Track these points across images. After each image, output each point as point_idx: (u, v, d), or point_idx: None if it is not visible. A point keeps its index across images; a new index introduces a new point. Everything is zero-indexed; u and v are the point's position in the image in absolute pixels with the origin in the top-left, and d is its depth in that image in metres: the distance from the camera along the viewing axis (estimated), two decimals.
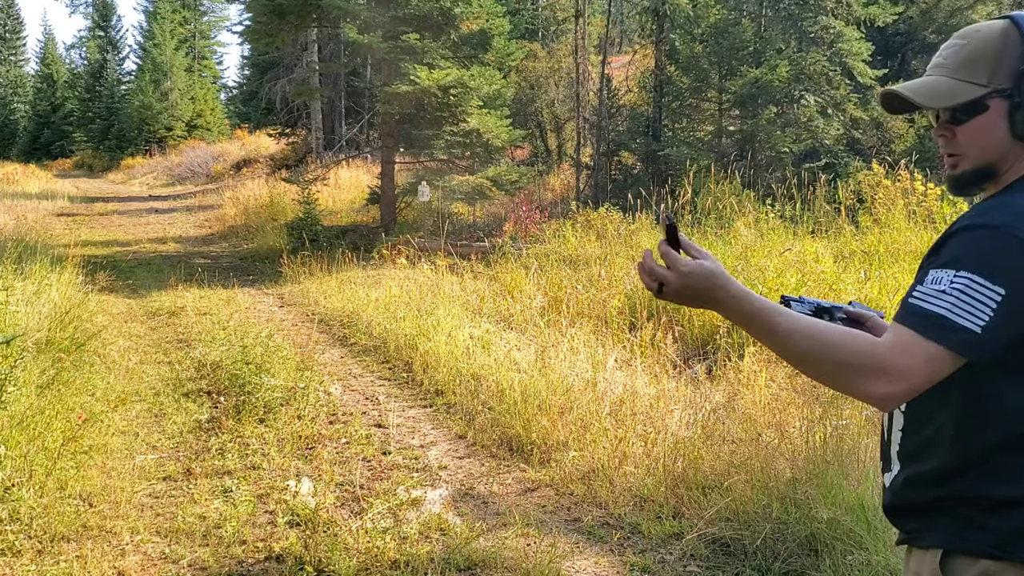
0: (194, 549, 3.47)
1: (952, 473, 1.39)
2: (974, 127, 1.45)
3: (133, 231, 16.44)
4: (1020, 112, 1.41)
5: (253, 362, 5.57)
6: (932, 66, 1.52)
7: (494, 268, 8.95)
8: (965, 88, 1.44)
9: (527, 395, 4.81)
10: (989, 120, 1.44)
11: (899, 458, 1.50)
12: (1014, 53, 1.42)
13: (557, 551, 3.41)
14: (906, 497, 1.48)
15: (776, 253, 7.06)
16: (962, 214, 1.42)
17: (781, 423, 4.27)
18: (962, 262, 1.31)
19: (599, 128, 15.80)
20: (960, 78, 1.45)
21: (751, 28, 13.62)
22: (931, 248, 1.42)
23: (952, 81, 1.46)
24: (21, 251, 8.25)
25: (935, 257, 1.38)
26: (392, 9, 12.91)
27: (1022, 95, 1.41)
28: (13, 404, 4.22)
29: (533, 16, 26.09)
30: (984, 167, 1.46)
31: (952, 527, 1.39)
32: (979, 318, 1.28)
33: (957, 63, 1.47)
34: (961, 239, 1.35)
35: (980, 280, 1.29)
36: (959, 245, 1.35)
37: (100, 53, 46.96)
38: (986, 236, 1.33)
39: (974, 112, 1.44)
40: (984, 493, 1.36)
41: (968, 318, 1.28)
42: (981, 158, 1.46)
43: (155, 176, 30.96)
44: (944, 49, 1.52)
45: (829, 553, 3.20)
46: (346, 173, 18.97)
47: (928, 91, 1.48)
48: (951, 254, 1.34)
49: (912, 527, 1.48)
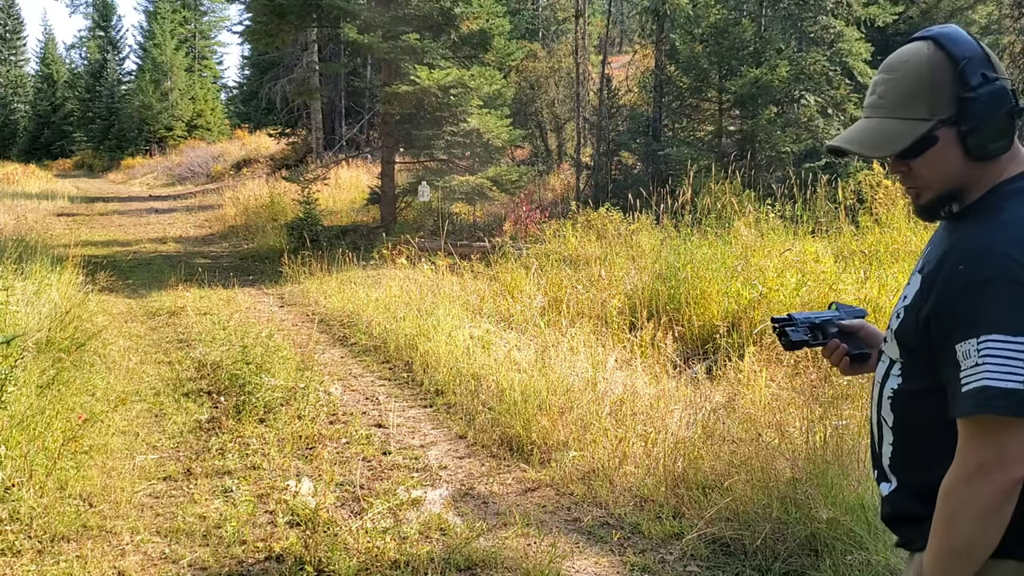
0: (194, 549, 3.47)
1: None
2: (929, 159, 1.43)
3: (133, 231, 16.45)
4: (970, 137, 1.39)
5: (253, 362, 5.57)
6: (869, 106, 1.49)
7: (494, 268, 8.95)
8: (908, 127, 1.42)
9: (527, 395, 4.81)
10: (942, 150, 1.42)
11: (891, 471, 1.52)
12: (945, 78, 1.40)
13: (557, 551, 3.41)
14: (902, 507, 1.50)
15: (776, 253, 7.06)
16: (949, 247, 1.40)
17: (781, 423, 4.27)
18: (978, 326, 1.30)
19: (599, 128, 15.80)
20: (901, 116, 1.43)
21: (751, 28, 13.62)
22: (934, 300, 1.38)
23: (893, 122, 1.44)
24: (21, 251, 8.25)
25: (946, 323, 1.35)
26: (392, 9, 12.91)
27: (966, 120, 1.39)
28: (13, 404, 4.22)
29: (533, 16, 26.11)
30: (947, 192, 1.45)
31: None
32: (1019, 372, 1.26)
33: (893, 102, 1.44)
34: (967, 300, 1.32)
35: (1005, 339, 1.27)
36: (967, 307, 1.32)
37: (100, 53, 46.96)
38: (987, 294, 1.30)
39: (925, 146, 1.42)
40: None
41: (1007, 379, 1.27)
42: (943, 186, 1.44)
43: (155, 176, 30.96)
44: (877, 86, 1.48)
45: (829, 553, 3.20)
46: (346, 173, 18.97)
47: (871, 140, 1.46)
48: (964, 317, 1.32)
49: (907, 533, 1.51)
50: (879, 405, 1.54)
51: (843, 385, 4.55)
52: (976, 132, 1.39)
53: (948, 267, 1.37)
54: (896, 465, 1.50)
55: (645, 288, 6.93)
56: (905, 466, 1.48)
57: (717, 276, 6.61)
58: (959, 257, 1.37)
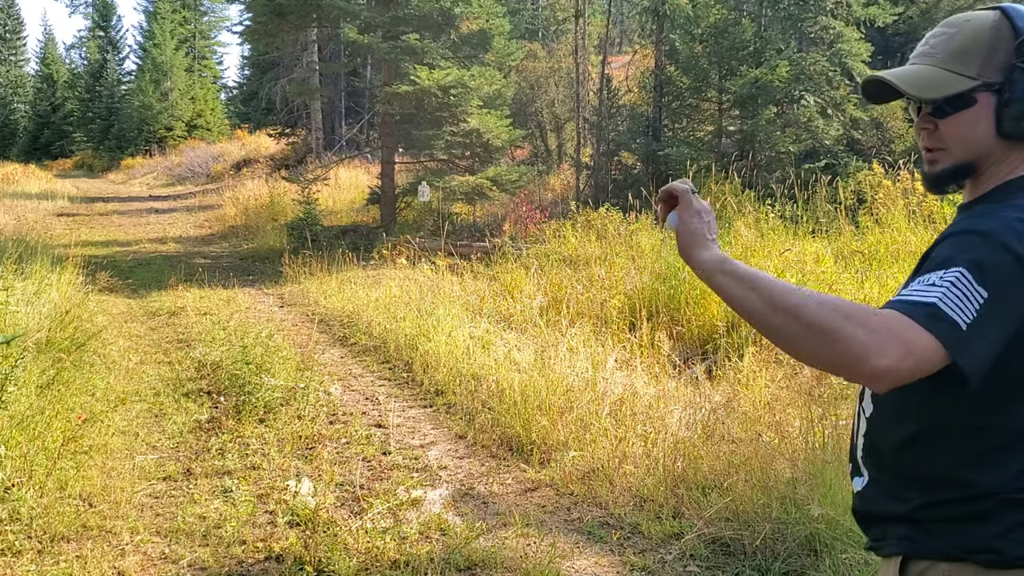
0: (194, 549, 3.47)
1: (916, 483, 1.36)
2: (959, 121, 1.40)
3: (133, 231, 16.45)
4: (1008, 108, 1.36)
5: (253, 362, 5.57)
6: (918, 54, 1.45)
7: (494, 268, 8.95)
8: (953, 80, 1.39)
9: (527, 395, 4.81)
10: (975, 115, 1.38)
11: (864, 464, 1.47)
12: (1006, 47, 1.37)
13: (557, 551, 3.41)
14: (872, 502, 1.45)
15: (776, 253, 7.06)
16: (949, 225, 1.38)
17: (781, 423, 4.28)
18: (951, 261, 1.25)
19: (599, 128, 15.80)
20: (949, 69, 1.39)
21: (751, 28, 13.62)
22: (919, 260, 1.38)
23: (940, 71, 1.40)
24: (21, 251, 8.24)
25: (922, 266, 1.33)
26: (392, 9, 12.92)
27: (1012, 91, 1.36)
28: (13, 404, 4.22)
29: (533, 16, 26.13)
30: (964, 164, 1.41)
31: (910, 533, 1.36)
32: (966, 313, 1.19)
33: (946, 53, 1.41)
34: (949, 244, 1.30)
35: (968, 277, 1.21)
36: (947, 248, 1.29)
37: (100, 53, 46.97)
38: (975, 241, 1.27)
39: (960, 106, 1.39)
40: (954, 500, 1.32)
41: (956, 311, 1.19)
42: (963, 154, 1.40)
43: (155, 176, 30.96)
44: (931, 37, 1.45)
45: (829, 553, 3.20)
46: (346, 173, 18.98)
47: (915, 80, 1.41)
48: (939, 257, 1.28)
49: (876, 533, 1.45)
50: (861, 396, 1.51)
51: (842, 385, 4.55)
52: (1016, 103, 1.36)
53: (948, 230, 1.36)
54: (868, 458, 1.45)
55: (645, 288, 6.94)
56: (876, 459, 1.44)
57: None
58: (958, 220, 1.36)
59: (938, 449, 1.34)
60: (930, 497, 1.34)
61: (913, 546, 1.36)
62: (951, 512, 1.33)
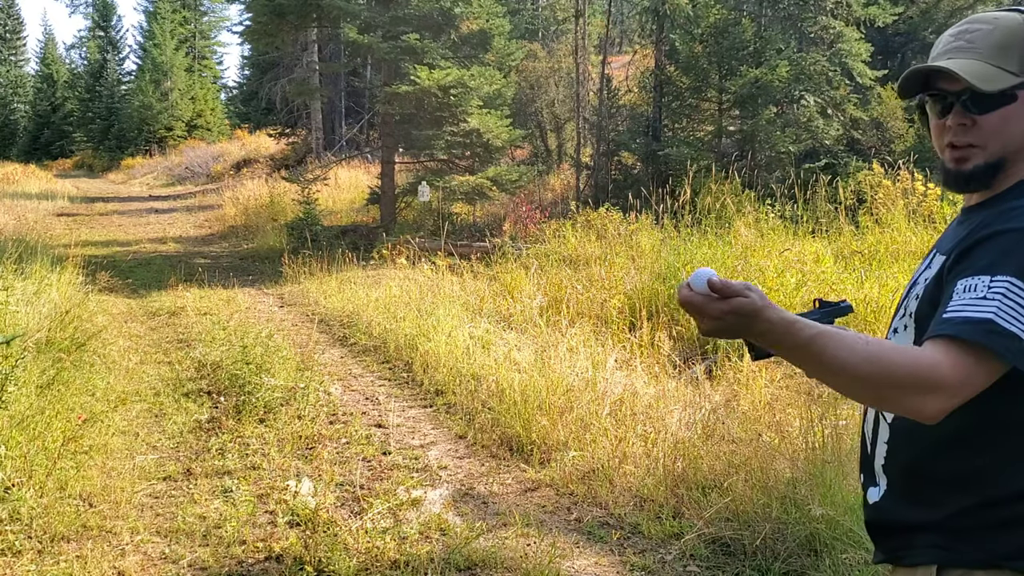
0: (194, 549, 3.47)
1: (954, 487, 1.33)
2: (999, 117, 1.37)
3: (133, 231, 16.45)
4: None
5: (253, 362, 5.57)
6: (954, 49, 1.42)
7: (494, 268, 8.95)
8: (1001, 75, 1.36)
9: (527, 395, 4.81)
10: (1015, 112, 1.37)
11: (885, 472, 1.43)
12: None
13: (557, 551, 3.41)
14: (892, 513, 1.41)
15: (776, 253, 7.07)
16: (980, 222, 1.35)
17: (781, 423, 4.28)
18: (996, 267, 1.24)
19: (599, 128, 15.80)
20: (995, 64, 1.37)
21: (751, 28, 13.62)
22: (953, 258, 1.34)
23: (990, 66, 1.37)
24: (21, 251, 8.24)
25: (961, 266, 1.30)
26: (392, 9, 12.92)
27: None
28: (13, 404, 4.22)
29: (533, 16, 26.14)
30: (998, 160, 1.39)
31: (942, 541, 1.33)
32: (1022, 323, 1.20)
33: (989, 48, 1.38)
34: (990, 245, 1.27)
35: (1019, 285, 1.21)
36: (990, 251, 1.27)
37: (100, 53, 46.95)
38: (1019, 239, 1.25)
39: (1002, 102, 1.37)
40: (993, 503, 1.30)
41: (1013, 323, 1.20)
42: (1000, 151, 1.38)
43: (155, 176, 30.96)
44: (965, 33, 1.42)
45: (829, 553, 3.20)
46: (346, 173, 18.98)
47: (975, 73, 1.37)
48: (983, 260, 1.26)
49: (894, 544, 1.42)
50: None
51: None
52: None
53: (978, 223, 1.34)
54: (893, 466, 1.42)
55: (645, 288, 6.94)
56: (907, 464, 1.40)
57: None
58: (993, 217, 1.34)
59: (984, 446, 1.32)
60: (968, 501, 1.32)
61: (947, 555, 1.33)
62: (989, 517, 1.30)
